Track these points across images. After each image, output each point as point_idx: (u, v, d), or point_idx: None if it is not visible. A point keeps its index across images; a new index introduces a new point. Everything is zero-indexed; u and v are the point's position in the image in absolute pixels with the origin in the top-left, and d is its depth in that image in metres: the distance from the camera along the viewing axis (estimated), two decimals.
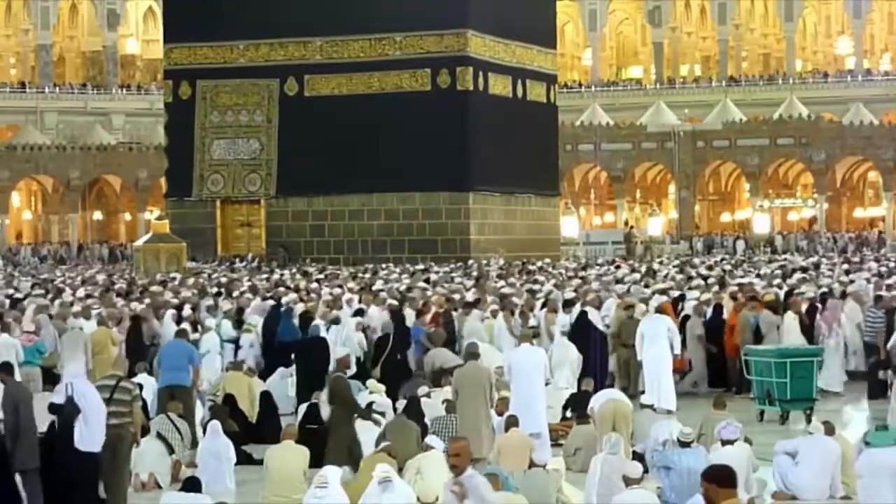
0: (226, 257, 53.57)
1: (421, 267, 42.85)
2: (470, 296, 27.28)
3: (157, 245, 48.39)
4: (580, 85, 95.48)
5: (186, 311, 24.72)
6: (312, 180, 53.08)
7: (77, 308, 24.70)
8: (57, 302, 27.39)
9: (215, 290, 31.28)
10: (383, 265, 44.86)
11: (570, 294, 26.60)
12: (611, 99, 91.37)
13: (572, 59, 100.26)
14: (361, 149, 52.02)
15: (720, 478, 8.40)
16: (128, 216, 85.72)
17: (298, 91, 54.54)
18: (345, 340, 21.73)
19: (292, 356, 21.15)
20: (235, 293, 29.34)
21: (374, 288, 30.32)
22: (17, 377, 19.42)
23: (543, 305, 24.77)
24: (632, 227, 72.64)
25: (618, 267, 41.63)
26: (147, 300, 27.21)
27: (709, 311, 24.07)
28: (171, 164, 57.03)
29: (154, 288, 31.94)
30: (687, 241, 75.16)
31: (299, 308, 24.51)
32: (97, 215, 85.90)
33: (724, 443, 14.28)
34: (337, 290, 29.15)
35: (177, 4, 57.59)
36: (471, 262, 46.02)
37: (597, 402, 17.04)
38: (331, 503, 12.74)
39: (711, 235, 79.60)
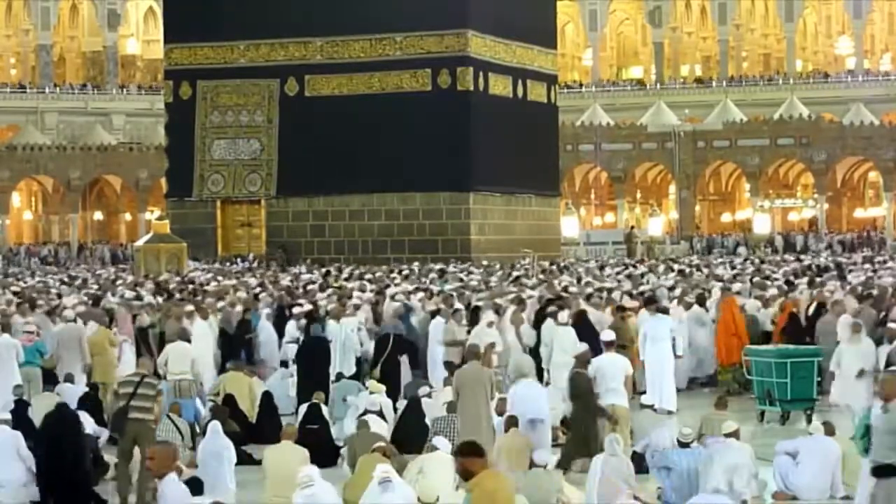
0: (226, 257, 53.58)
1: (440, 266, 42.68)
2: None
3: (157, 245, 48.30)
4: (580, 85, 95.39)
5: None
6: (313, 180, 53.07)
7: (189, 308, 23.89)
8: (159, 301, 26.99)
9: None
10: (413, 265, 44.62)
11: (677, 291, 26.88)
12: (611, 99, 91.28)
13: (573, 60, 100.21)
14: (362, 149, 52.01)
15: (471, 449, 9.10)
16: (128, 216, 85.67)
17: (299, 91, 54.53)
18: (343, 340, 21.74)
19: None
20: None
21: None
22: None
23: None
24: (633, 228, 72.68)
25: (634, 266, 41.67)
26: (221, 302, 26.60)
27: (811, 309, 23.80)
28: (172, 165, 57.02)
29: (210, 288, 31.75)
30: (687, 242, 75.12)
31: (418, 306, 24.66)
32: (98, 215, 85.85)
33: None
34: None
35: (177, 5, 57.58)
36: (496, 263, 45.53)
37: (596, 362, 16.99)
38: (322, 501, 12.75)
39: (713, 236, 79.55)
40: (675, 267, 39.96)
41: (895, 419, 11.49)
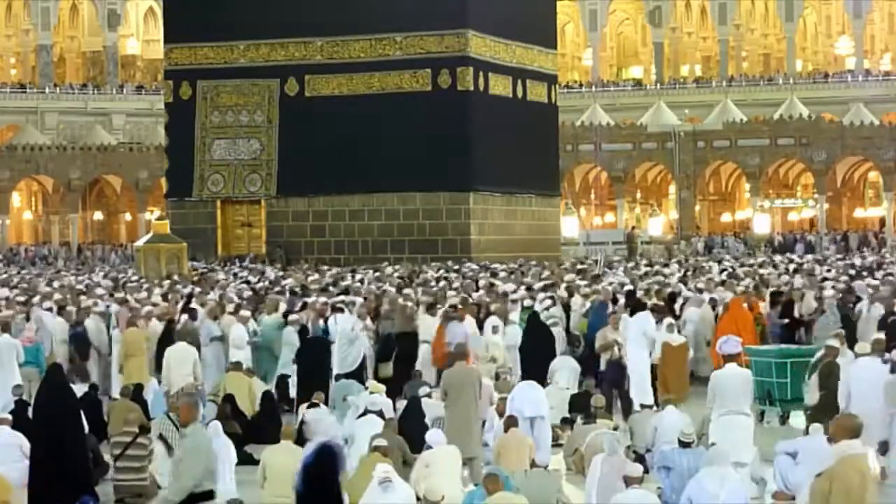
0: (226, 257, 53.58)
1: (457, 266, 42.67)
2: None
3: (157, 245, 48.25)
4: (581, 85, 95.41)
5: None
6: (313, 180, 53.06)
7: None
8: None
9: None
10: (432, 265, 44.51)
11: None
12: (611, 99, 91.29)
13: (573, 60, 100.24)
14: (362, 149, 52.00)
15: None
16: (128, 216, 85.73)
17: (299, 91, 54.51)
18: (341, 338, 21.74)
19: None
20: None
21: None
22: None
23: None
24: (634, 228, 72.68)
25: (665, 265, 41.72)
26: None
27: None
28: (172, 165, 56.98)
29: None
30: (687, 242, 75.07)
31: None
32: (98, 216, 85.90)
33: (727, 359, 14.41)
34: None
35: (177, 4, 57.53)
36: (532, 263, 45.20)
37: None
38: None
39: (712, 236, 79.50)
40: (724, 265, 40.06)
41: None
